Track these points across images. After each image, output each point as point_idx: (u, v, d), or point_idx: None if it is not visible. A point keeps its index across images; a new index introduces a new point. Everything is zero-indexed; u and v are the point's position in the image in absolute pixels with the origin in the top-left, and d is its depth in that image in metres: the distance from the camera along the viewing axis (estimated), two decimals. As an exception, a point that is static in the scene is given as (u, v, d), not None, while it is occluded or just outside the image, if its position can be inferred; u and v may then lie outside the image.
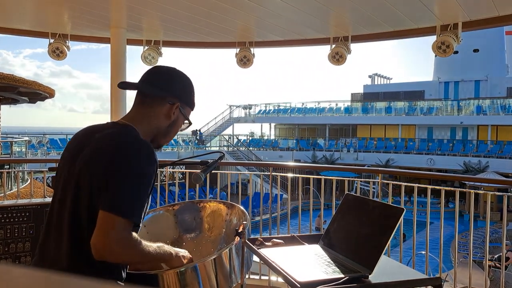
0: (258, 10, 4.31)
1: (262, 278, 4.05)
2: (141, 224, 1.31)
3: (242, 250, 1.64)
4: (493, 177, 17.26)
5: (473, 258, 3.47)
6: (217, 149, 27.95)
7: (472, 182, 14.90)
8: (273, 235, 2.32)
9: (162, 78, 1.50)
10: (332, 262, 1.58)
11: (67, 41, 5.35)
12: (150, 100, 1.47)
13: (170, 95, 1.47)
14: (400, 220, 1.51)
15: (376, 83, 39.41)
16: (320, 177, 3.87)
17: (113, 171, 1.26)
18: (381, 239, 1.52)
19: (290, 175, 4.37)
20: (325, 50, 5.07)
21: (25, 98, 9.62)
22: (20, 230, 2.96)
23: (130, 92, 1.59)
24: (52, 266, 1.31)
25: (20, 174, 7.56)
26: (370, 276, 1.45)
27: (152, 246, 1.35)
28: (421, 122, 28.69)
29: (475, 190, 3.33)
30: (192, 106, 1.56)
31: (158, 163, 1.35)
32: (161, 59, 5.53)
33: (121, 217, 1.22)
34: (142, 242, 1.30)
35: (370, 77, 40.27)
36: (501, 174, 20.16)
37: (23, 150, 11.22)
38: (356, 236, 1.67)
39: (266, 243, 1.78)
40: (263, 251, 1.68)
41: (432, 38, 4.44)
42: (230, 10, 4.27)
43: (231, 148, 29.40)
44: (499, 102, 26.95)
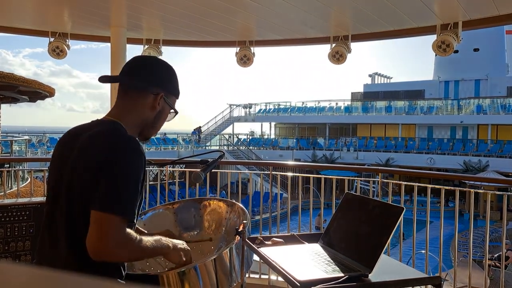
0: (258, 9, 4.31)
1: (262, 277, 4.05)
2: (135, 220, 1.30)
3: (242, 249, 1.64)
4: (493, 176, 17.27)
5: (473, 257, 3.47)
6: (217, 148, 27.94)
7: (472, 181, 14.90)
8: (273, 234, 2.32)
9: (143, 69, 1.47)
10: (332, 261, 1.58)
11: (67, 40, 5.35)
12: (133, 92, 1.44)
13: (152, 86, 1.44)
14: (400, 219, 1.51)
15: (376, 82, 39.39)
16: (320, 176, 3.88)
17: (101, 171, 1.25)
18: (381, 238, 1.52)
19: (290, 174, 4.37)
20: (325, 49, 5.07)
21: (25, 97, 9.62)
22: (20, 229, 2.96)
23: None
24: (50, 267, 1.31)
25: (20, 173, 7.56)
26: (370, 275, 1.45)
27: (149, 241, 1.34)
28: (421, 121, 28.69)
29: (475, 189, 3.33)
30: (176, 94, 1.54)
31: (145, 158, 1.34)
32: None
33: (114, 215, 1.21)
34: (138, 238, 1.29)
35: (370, 76, 40.26)
36: (501, 173, 20.14)
37: (23, 149, 11.22)
38: (356, 235, 1.68)
39: (266, 242, 1.78)
40: (263, 250, 1.68)
41: (432, 37, 4.44)
42: (230, 9, 4.26)
43: (231, 147, 29.40)
44: (499, 102, 26.94)
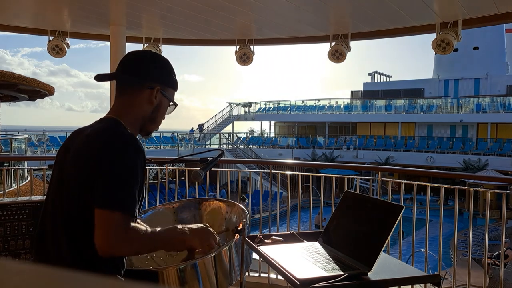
0: (258, 8, 4.30)
1: (262, 275, 4.06)
2: (137, 215, 1.30)
3: (241, 247, 1.64)
4: (492, 175, 17.27)
5: (472, 256, 3.48)
6: (216, 147, 27.94)
7: (471, 180, 14.91)
8: (272, 233, 2.32)
9: (136, 64, 1.46)
10: (331, 259, 1.58)
11: (67, 38, 5.34)
12: (129, 89, 1.44)
13: (147, 80, 1.43)
14: (399, 217, 1.52)
15: (376, 81, 39.37)
16: (319, 174, 3.88)
17: (101, 168, 1.25)
18: (380, 237, 1.52)
19: (289, 173, 4.37)
20: (325, 47, 5.07)
21: (24, 96, 9.61)
22: (20, 227, 2.96)
23: None
24: (48, 264, 1.31)
25: (19, 171, 7.56)
26: (369, 273, 1.45)
27: (162, 231, 1.36)
28: (420, 120, 28.69)
29: (475, 188, 3.33)
30: (174, 86, 1.52)
31: (144, 154, 1.34)
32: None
33: (116, 211, 1.21)
34: (148, 230, 1.31)
35: (370, 74, 40.23)
36: (500, 172, 20.15)
37: (23, 147, 11.22)
38: (355, 233, 1.68)
39: (266, 241, 1.78)
40: (263, 249, 1.68)
41: (432, 36, 4.44)
42: (229, 7, 4.26)
43: (231, 146, 29.40)
44: (499, 100, 26.95)
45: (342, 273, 1.43)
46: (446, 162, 24.26)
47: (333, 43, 4.95)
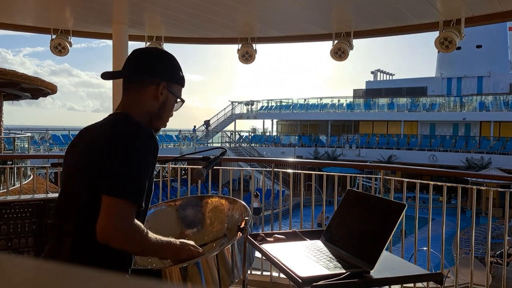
0: (260, 6, 4.30)
1: (264, 273, 4.06)
2: (143, 207, 1.30)
3: (244, 245, 1.64)
4: (495, 173, 17.23)
5: (475, 255, 3.47)
6: (219, 145, 27.95)
7: (474, 178, 14.87)
8: (275, 231, 2.32)
9: (141, 61, 1.47)
10: (333, 258, 1.58)
11: (69, 37, 5.35)
12: (135, 85, 1.44)
13: (153, 77, 1.43)
14: (401, 216, 1.51)
15: (378, 79, 39.29)
16: (322, 173, 3.87)
17: (111, 155, 1.25)
18: (382, 235, 1.52)
19: (291, 171, 4.37)
20: (327, 45, 5.06)
21: (27, 94, 9.64)
22: (23, 225, 2.97)
23: None
24: (57, 258, 1.31)
25: (22, 170, 7.58)
26: (371, 271, 1.45)
27: (157, 237, 1.34)
28: (423, 118, 28.63)
29: (477, 186, 3.32)
30: (180, 82, 1.51)
31: (157, 143, 1.33)
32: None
33: (122, 199, 1.21)
34: (146, 231, 1.29)
35: (372, 73, 40.14)
36: (503, 171, 20.10)
37: (26, 146, 11.25)
38: (357, 231, 1.68)
39: (268, 239, 1.78)
40: (265, 247, 1.68)
41: (435, 34, 4.43)
42: (232, 5, 4.26)
43: (233, 144, 29.41)
44: (502, 98, 26.84)
45: (344, 271, 1.43)
46: (449, 161, 24.20)
47: (335, 41, 4.94)
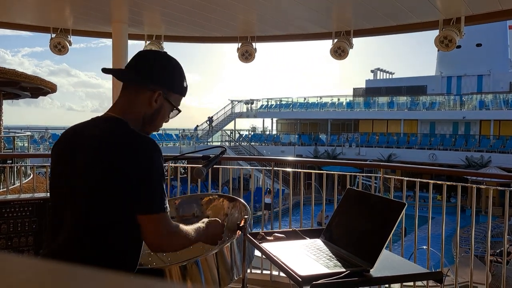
0: (260, 5, 4.29)
1: (264, 272, 4.06)
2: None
3: (243, 244, 1.65)
4: (495, 172, 17.23)
5: (474, 253, 3.47)
6: (218, 144, 27.95)
7: (474, 177, 14.88)
8: (274, 230, 2.32)
9: (143, 64, 1.44)
10: (333, 256, 1.58)
11: (69, 36, 5.35)
12: (132, 87, 1.42)
13: (150, 82, 1.41)
14: (401, 214, 1.52)
15: (378, 78, 39.28)
16: (322, 172, 3.87)
17: (136, 173, 1.28)
18: (382, 234, 1.52)
19: (291, 170, 4.37)
20: (327, 44, 5.06)
21: (27, 93, 9.63)
22: (23, 224, 2.97)
23: None
24: (62, 259, 1.31)
25: (22, 168, 7.58)
26: (371, 270, 1.45)
27: (189, 227, 1.46)
28: (423, 117, 28.63)
29: (477, 185, 3.32)
30: (180, 92, 1.49)
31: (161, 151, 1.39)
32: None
33: (160, 213, 1.31)
34: (182, 227, 1.42)
35: (372, 71, 40.14)
36: (503, 169, 20.11)
37: (26, 145, 11.25)
38: (357, 230, 1.68)
39: (268, 238, 1.78)
40: (265, 245, 1.68)
41: (434, 33, 4.42)
42: (231, 4, 4.25)
43: (233, 143, 29.41)
44: (502, 97, 26.84)
45: (344, 270, 1.43)
46: (449, 159, 24.22)
47: (335, 40, 4.93)
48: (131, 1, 4.35)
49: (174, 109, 1.49)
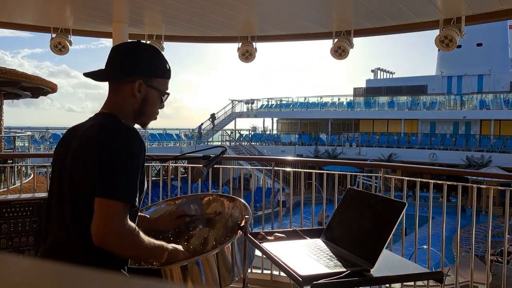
0: (260, 4, 4.29)
1: (265, 272, 4.06)
2: (138, 205, 1.30)
3: (244, 244, 1.64)
4: (495, 171, 17.23)
5: (475, 253, 3.47)
6: (219, 144, 27.96)
7: (474, 177, 14.87)
8: (275, 229, 2.32)
9: (115, 58, 1.42)
10: (334, 256, 1.58)
11: (69, 35, 5.35)
12: (115, 84, 1.41)
13: (127, 74, 1.38)
14: (402, 214, 1.51)
15: (378, 78, 39.28)
16: (322, 171, 3.87)
17: (102, 158, 1.25)
18: (382, 233, 1.52)
19: (292, 170, 4.37)
20: (327, 44, 5.05)
21: (27, 93, 9.64)
22: (23, 224, 2.97)
23: None
24: (55, 258, 1.31)
25: (23, 168, 7.58)
26: (371, 270, 1.45)
27: (149, 239, 1.32)
28: (423, 116, 28.62)
29: (478, 185, 3.32)
30: (162, 75, 1.44)
31: (144, 143, 1.32)
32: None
33: (116, 200, 1.21)
34: (137, 231, 1.28)
35: (372, 71, 40.14)
36: (504, 169, 20.09)
37: (26, 145, 11.26)
38: (358, 230, 1.68)
39: (268, 237, 1.78)
40: (265, 245, 1.68)
41: (435, 32, 4.42)
42: (232, 4, 4.25)
43: (233, 143, 29.41)
44: (502, 97, 26.83)
45: (344, 269, 1.43)
46: (449, 159, 24.21)
47: (335, 40, 4.93)
48: (132, 1, 4.35)
49: (163, 94, 1.46)
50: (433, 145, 26.32)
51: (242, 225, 1.63)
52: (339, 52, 4.89)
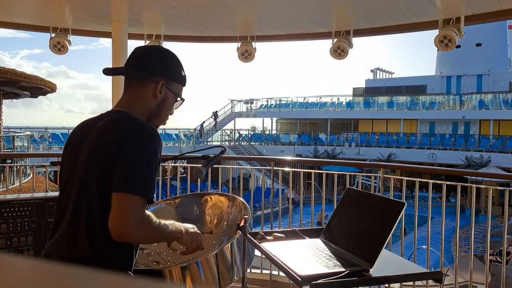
0: (260, 4, 4.30)
1: (264, 272, 4.07)
2: (154, 200, 1.32)
3: (243, 244, 1.65)
4: (495, 171, 17.24)
5: (474, 253, 3.47)
6: (218, 144, 27.94)
7: (473, 177, 14.88)
8: (274, 229, 2.32)
9: (142, 58, 1.48)
10: (333, 256, 1.58)
11: (68, 35, 5.34)
12: (135, 82, 1.45)
13: (152, 74, 1.44)
14: (401, 214, 1.52)
15: (378, 78, 39.29)
16: (321, 171, 3.87)
17: (121, 153, 1.27)
18: (382, 233, 1.52)
19: (291, 170, 4.37)
20: (327, 44, 5.05)
21: (26, 93, 9.64)
22: (22, 224, 2.97)
23: None
24: (65, 254, 1.31)
25: (22, 168, 7.58)
26: (371, 269, 1.45)
27: (165, 224, 1.36)
28: (423, 116, 28.63)
29: (477, 185, 3.32)
30: (180, 81, 1.52)
31: (161, 140, 1.36)
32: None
33: (134, 195, 1.23)
34: (157, 220, 1.31)
35: (372, 71, 40.14)
36: (503, 169, 20.11)
37: (25, 144, 11.25)
38: (357, 230, 1.68)
39: (268, 237, 1.78)
40: (265, 245, 1.68)
41: (434, 32, 4.42)
42: (231, 4, 4.25)
43: (233, 143, 29.40)
44: (502, 97, 26.83)
45: (344, 269, 1.43)
46: (448, 159, 24.21)
47: (335, 40, 4.93)
48: (131, 0, 4.34)
49: (178, 99, 1.51)
50: (432, 145, 26.33)
51: (241, 225, 1.63)
52: (339, 52, 4.89)
